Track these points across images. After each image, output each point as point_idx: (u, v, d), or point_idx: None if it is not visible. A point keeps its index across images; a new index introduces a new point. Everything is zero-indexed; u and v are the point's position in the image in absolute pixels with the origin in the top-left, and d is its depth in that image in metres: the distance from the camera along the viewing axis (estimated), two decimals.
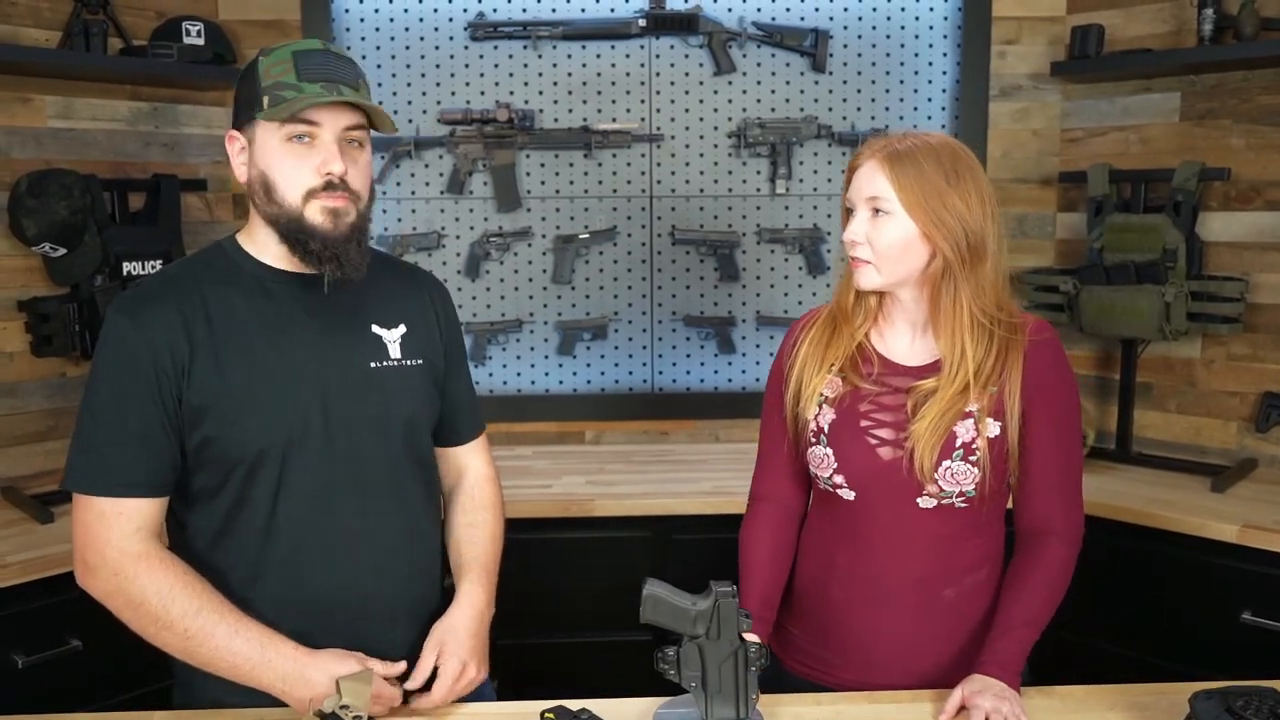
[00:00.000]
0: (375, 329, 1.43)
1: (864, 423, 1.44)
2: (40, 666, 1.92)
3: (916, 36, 2.80)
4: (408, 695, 1.35)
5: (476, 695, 1.53)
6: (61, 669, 1.95)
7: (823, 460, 1.46)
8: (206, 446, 1.32)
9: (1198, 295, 2.44)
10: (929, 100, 2.81)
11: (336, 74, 1.31)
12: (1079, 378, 2.73)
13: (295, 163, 1.30)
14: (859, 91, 2.82)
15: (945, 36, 2.80)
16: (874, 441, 1.43)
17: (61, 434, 2.47)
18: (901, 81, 2.81)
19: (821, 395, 1.47)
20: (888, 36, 2.79)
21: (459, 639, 1.38)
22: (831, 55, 2.80)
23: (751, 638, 1.27)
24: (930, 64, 2.81)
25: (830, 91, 2.82)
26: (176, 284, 1.35)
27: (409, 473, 1.44)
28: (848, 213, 1.43)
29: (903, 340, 1.47)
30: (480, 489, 1.59)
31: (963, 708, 1.31)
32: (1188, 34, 2.50)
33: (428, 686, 1.36)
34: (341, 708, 1.18)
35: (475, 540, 1.53)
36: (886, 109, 2.82)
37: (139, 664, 2.05)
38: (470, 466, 1.60)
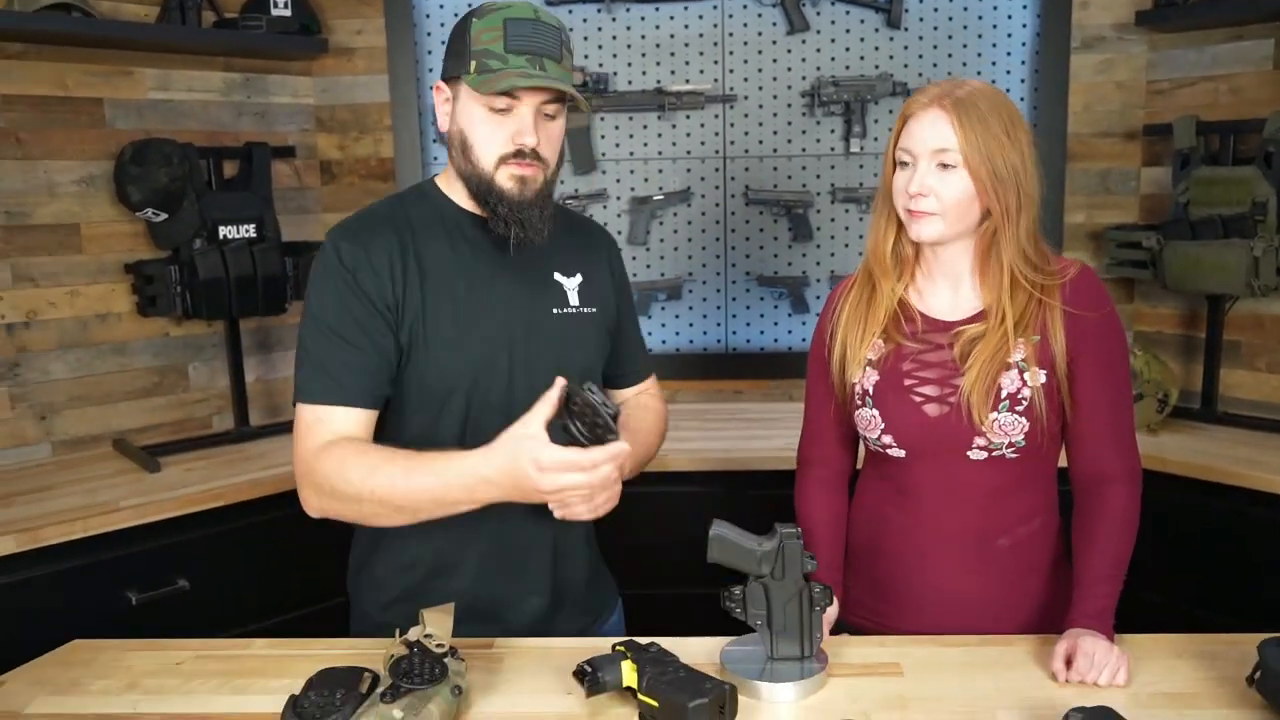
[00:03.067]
0: (557, 276, 1.50)
1: (908, 381, 1.45)
2: (151, 604, 2.07)
3: None
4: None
5: (611, 625, 1.64)
6: (170, 607, 2.09)
7: (870, 422, 1.47)
8: (399, 380, 1.41)
9: None
10: (1008, 54, 2.77)
11: (541, 45, 1.36)
12: (1162, 336, 2.71)
13: (493, 130, 1.37)
14: (935, 47, 2.78)
15: None
16: (919, 399, 1.44)
17: (167, 390, 2.62)
18: (979, 35, 2.77)
19: (865, 358, 1.48)
20: None
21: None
22: (907, 10, 2.77)
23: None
24: (1009, 16, 2.75)
25: (905, 48, 2.79)
26: (394, 223, 1.42)
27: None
28: (898, 163, 1.42)
29: (943, 295, 1.47)
30: (650, 398, 1.66)
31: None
32: None
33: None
34: (425, 636, 1.26)
35: (641, 416, 1.59)
36: (964, 64, 2.78)
37: (240, 604, 2.20)
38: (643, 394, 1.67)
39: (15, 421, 2.40)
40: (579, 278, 1.52)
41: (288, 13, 2.62)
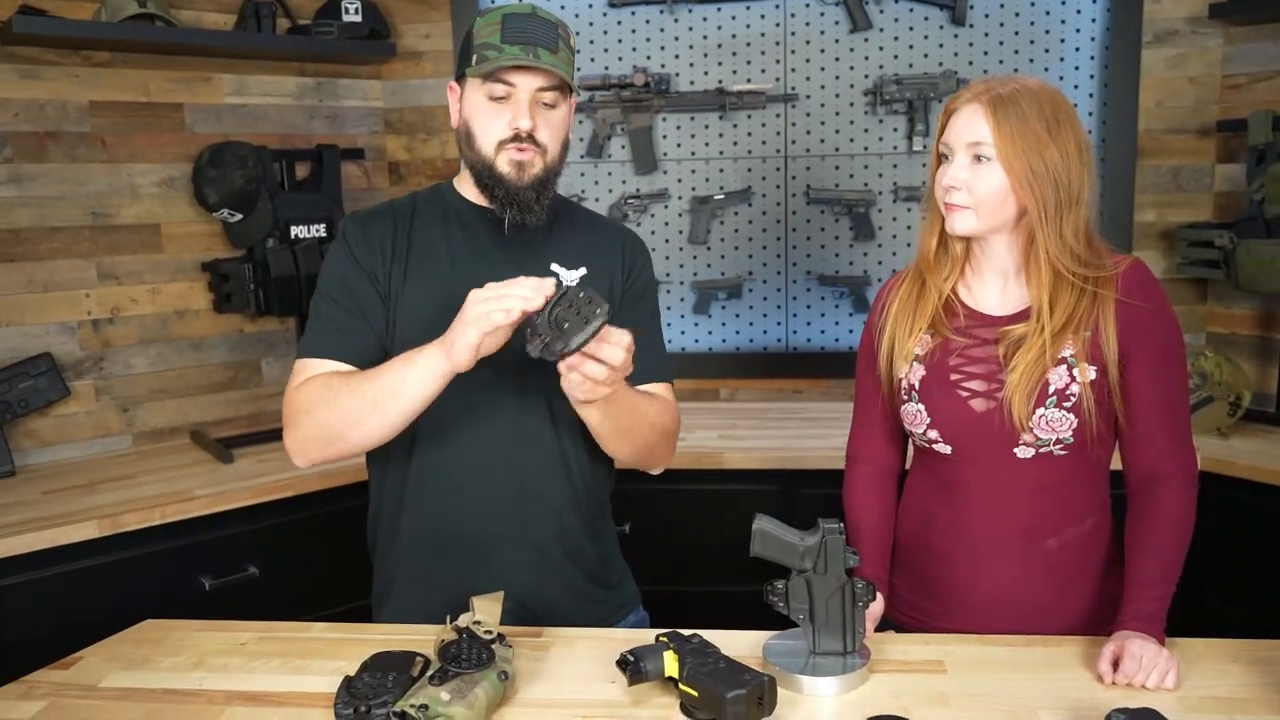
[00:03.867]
0: (555, 266, 1.54)
1: (954, 376, 1.44)
2: (223, 589, 2.15)
3: None
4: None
5: (633, 622, 1.65)
6: (240, 592, 2.17)
7: (916, 416, 1.47)
8: (390, 350, 1.48)
9: None
10: (1076, 50, 2.72)
11: (536, 37, 1.43)
12: (1237, 338, 2.64)
13: (491, 117, 1.45)
14: (1001, 43, 2.74)
15: None
16: (965, 394, 1.43)
17: (241, 384, 2.72)
18: (1047, 31, 2.72)
19: (913, 352, 1.48)
20: None
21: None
22: (972, 7, 2.74)
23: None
24: (1078, 11, 2.71)
25: (971, 44, 2.76)
26: (397, 210, 1.56)
27: (562, 409, 1.50)
28: (941, 157, 1.43)
29: (991, 290, 1.47)
30: (662, 399, 1.59)
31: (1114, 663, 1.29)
32: None
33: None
34: (474, 623, 1.30)
35: (646, 397, 1.53)
36: (1030, 60, 2.74)
37: (307, 591, 2.27)
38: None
39: (100, 413, 2.51)
40: (581, 270, 1.55)
41: (358, 18, 2.70)
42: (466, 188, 1.55)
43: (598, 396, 1.34)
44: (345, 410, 1.39)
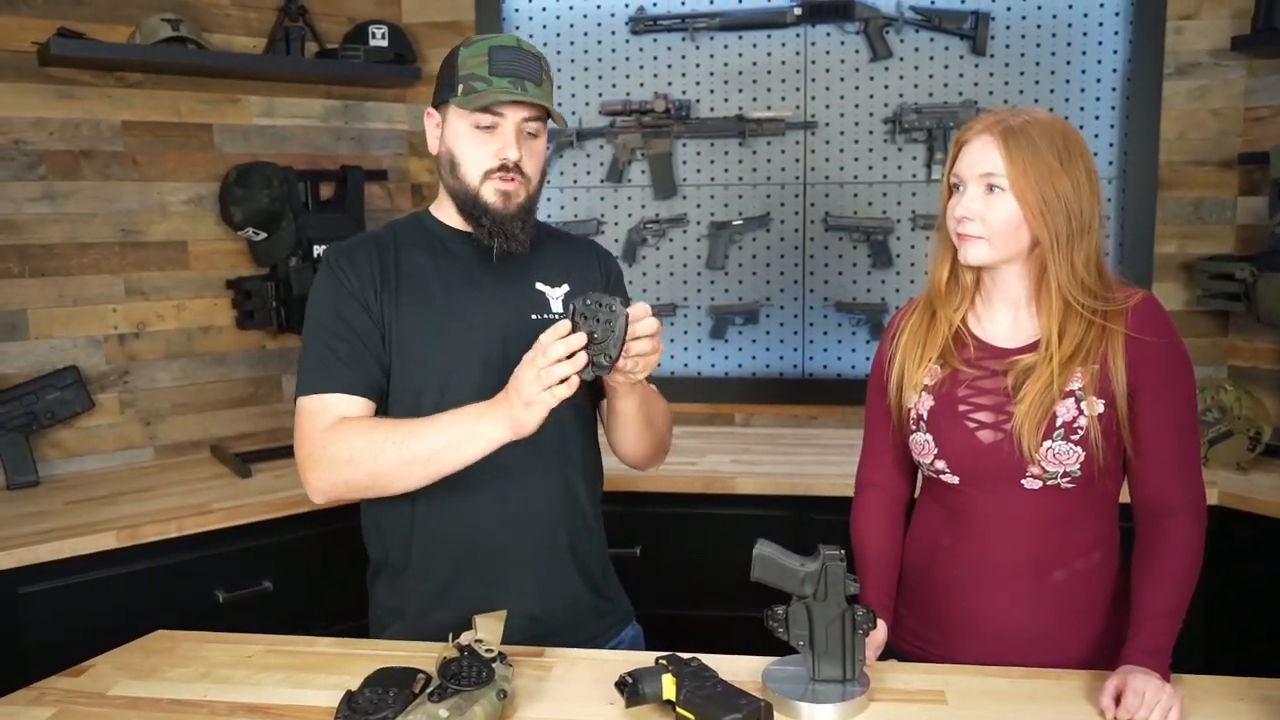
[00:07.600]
0: (539, 285, 1.57)
1: (962, 407, 1.44)
2: (237, 603, 2.17)
3: (1085, 15, 2.71)
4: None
5: (629, 643, 1.66)
6: (254, 606, 2.20)
7: (923, 446, 1.47)
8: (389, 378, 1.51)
9: None
10: (1097, 81, 2.72)
11: (523, 70, 1.46)
12: (1259, 372, 2.61)
13: (478, 146, 1.47)
14: (1021, 74, 2.75)
15: (1117, 14, 2.69)
16: (973, 425, 1.43)
17: (261, 400, 2.75)
18: (1068, 62, 2.73)
19: (922, 383, 1.48)
20: (1054, 16, 2.72)
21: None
22: (993, 37, 2.75)
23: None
24: (1100, 43, 2.71)
25: (991, 75, 2.76)
26: (379, 240, 1.55)
27: (566, 422, 1.54)
28: (952, 188, 1.44)
29: (1002, 322, 1.47)
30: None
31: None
32: None
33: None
34: (476, 641, 1.31)
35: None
36: (1051, 91, 2.74)
37: (320, 607, 2.29)
38: None
39: (123, 426, 2.56)
40: (565, 287, 1.58)
41: (385, 43, 2.75)
42: (447, 214, 1.56)
43: (654, 368, 1.38)
44: (391, 465, 1.39)
